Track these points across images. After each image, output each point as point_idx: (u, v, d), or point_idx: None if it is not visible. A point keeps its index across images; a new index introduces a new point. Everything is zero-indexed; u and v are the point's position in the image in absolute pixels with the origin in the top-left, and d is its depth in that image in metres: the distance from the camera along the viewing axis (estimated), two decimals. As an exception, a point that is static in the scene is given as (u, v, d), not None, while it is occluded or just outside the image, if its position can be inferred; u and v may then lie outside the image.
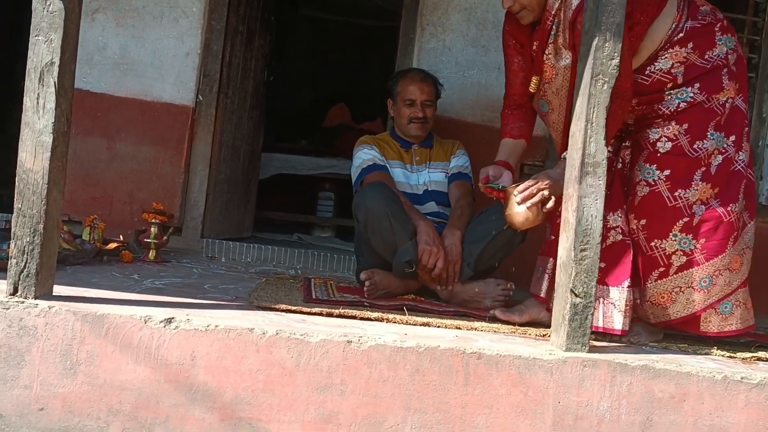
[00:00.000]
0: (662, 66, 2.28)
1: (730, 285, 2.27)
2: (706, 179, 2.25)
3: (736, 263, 2.27)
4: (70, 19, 1.85)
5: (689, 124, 2.27)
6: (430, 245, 2.59)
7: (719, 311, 2.28)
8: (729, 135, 2.28)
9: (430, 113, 3.03)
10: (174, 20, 3.38)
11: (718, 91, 2.27)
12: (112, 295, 2.08)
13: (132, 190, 3.38)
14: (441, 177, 3.04)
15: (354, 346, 1.83)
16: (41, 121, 1.82)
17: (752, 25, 3.71)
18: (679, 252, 2.25)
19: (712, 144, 2.26)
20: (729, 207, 2.25)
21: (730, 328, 2.30)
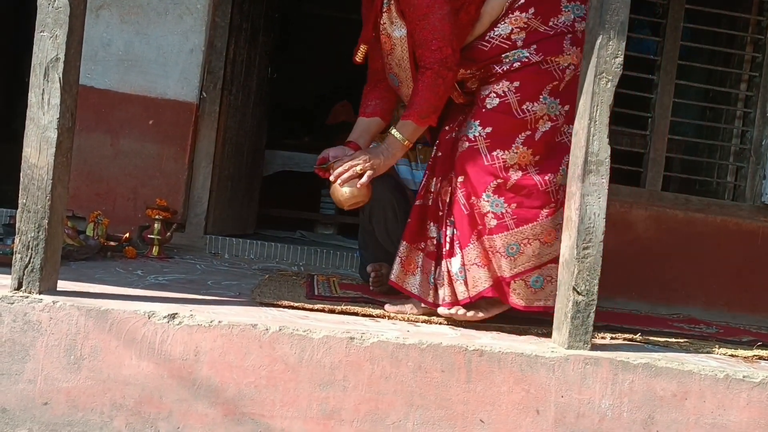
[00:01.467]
0: (501, 32, 2.21)
1: (539, 257, 2.15)
2: (528, 144, 2.16)
3: (548, 236, 2.16)
4: (75, 15, 1.85)
5: (521, 83, 2.18)
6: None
7: (529, 284, 2.16)
8: (565, 103, 2.18)
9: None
10: (178, 17, 3.38)
11: (557, 54, 2.18)
12: (116, 290, 2.09)
13: (136, 187, 3.39)
14: None
15: (356, 342, 1.84)
16: (46, 117, 1.82)
17: (756, 24, 3.69)
18: (491, 214, 2.14)
19: (542, 108, 2.16)
20: (547, 177, 2.16)
21: (539, 303, 2.17)
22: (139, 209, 3.33)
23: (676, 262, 3.50)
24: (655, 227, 3.50)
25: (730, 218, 3.56)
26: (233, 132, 3.66)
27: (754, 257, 3.54)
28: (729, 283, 3.53)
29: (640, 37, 3.98)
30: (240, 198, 3.86)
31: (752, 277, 3.54)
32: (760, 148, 3.63)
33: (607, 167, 1.96)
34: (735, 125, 3.74)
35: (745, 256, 3.53)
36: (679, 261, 3.50)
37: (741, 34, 3.72)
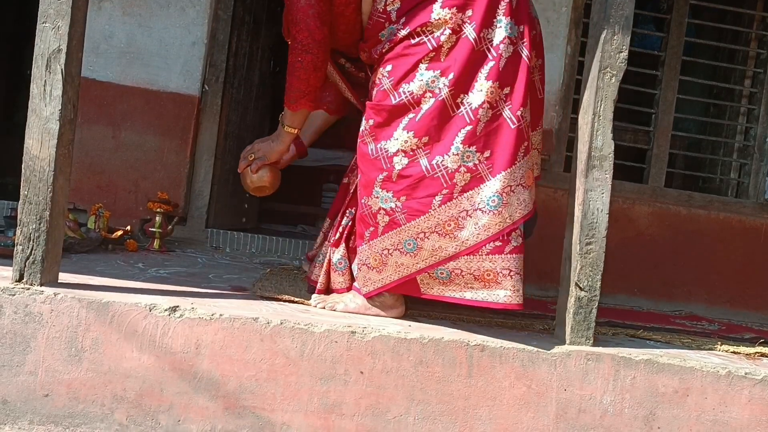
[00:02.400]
0: (379, 5, 2.07)
1: (442, 251, 1.95)
2: (410, 128, 1.96)
3: (448, 226, 1.95)
4: (77, 6, 1.85)
5: (393, 65, 2.01)
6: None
7: (434, 276, 1.98)
8: (449, 73, 1.95)
9: None
10: (181, 9, 3.37)
11: (426, 22, 1.97)
12: (117, 283, 2.09)
13: (137, 179, 3.38)
14: None
15: (358, 336, 1.84)
16: (48, 108, 1.82)
17: (761, 20, 3.68)
18: (383, 211, 1.99)
19: (421, 86, 1.96)
20: (435, 160, 1.94)
21: (453, 294, 1.98)
22: (140, 202, 3.32)
23: (678, 258, 3.50)
24: (657, 224, 3.50)
25: (733, 215, 3.55)
26: (235, 125, 3.65)
27: (756, 254, 3.53)
28: (731, 280, 3.53)
29: (644, 32, 3.97)
30: (241, 192, 3.84)
31: (755, 274, 3.53)
32: (764, 145, 3.62)
33: (610, 163, 1.95)
34: (739, 122, 3.73)
35: (748, 253, 3.53)
36: (681, 258, 3.50)
37: (746, 31, 3.71)
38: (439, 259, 1.95)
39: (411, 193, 1.96)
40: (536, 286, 3.09)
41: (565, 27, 3.42)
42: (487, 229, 1.92)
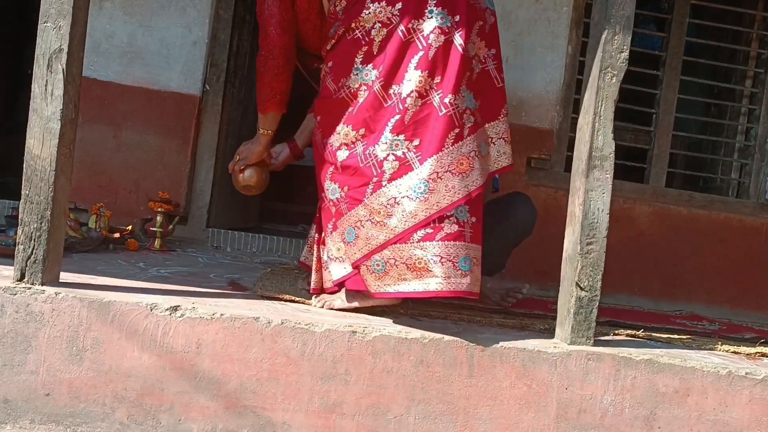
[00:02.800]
0: (331, 7, 2.15)
1: (374, 239, 1.96)
2: (348, 121, 2.03)
3: (378, 215, 1.96)
4: (78, 7, 1.85)
5: (333, 62, 2.09)
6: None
7: (371, 269, 1.97)
8: (379, 65, 2.00)
9: None
10: (181, 9, 3.37)
11: (358, 17, 2.03)
12: (118, 282, 2.09)
13: (138, 179, 3.38)
14: None
15: (358, 336, 1.84)
16: (49, 108, 1.82)
17: (762, 20, 3.68)
18: (331, 202, 2.07)
19: (356, 80, 2.02)
20: (367, 150, 1.98)
21: (389, 289, 1.95)
22: (141, 202, 3.32)
23: (679, 258, 3.50)
24: (658, 223, 3.50)
25: (733, 215, 3.56)
26: (236, 125, 3.65)
27: (757, 254, 3.53)
28: (732, 280, 3.53)
29: (645, 32, 3.97)
30: (242, 192, 3.85)
31: (755, 274, 3.53)
32: (765, 145, 3.62)
33: (611, 163, 1.95)
34: (740, 122, 3.73)
35: (748, 253, 3.53)
36: (682, 257, 3.50)
37: (746, 30, 3.71)
38: (372, 248, 1.96)
39: (350, 183, 2.02)
40: (537, 285, 3.09)
41: (566, 27, 3.42)
42: (414, 216, 1.92)
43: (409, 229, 1.93)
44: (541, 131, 3.43)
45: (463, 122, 1.99)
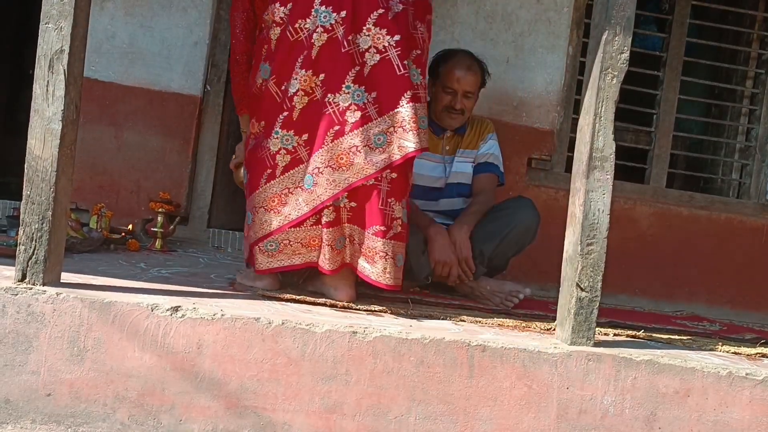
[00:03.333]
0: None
1: (268, 224, 2.16)
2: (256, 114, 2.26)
3: (272, 202, 2.14)
4: (80, 7, 1.85)
5: (254, 60, 2.28)
6: (443, 257, 2.53)
7: (263, 249, 2.17)
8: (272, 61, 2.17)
9: (469, 105, 2.78)
10: (183, 10, 3.37)
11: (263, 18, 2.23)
12: (119, 283, 2.09)
13: (139, 179, 3.39)
14: (467, 168, 2.85)
15: (359, 336, 1.84)
16: (51, 109, 1.82)
17: (763, 20, 3.68)
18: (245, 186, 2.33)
19: (259, 77, 2.21)
20: (264, 142, 2.18)
21: (277, 264, 2.18)
22: (142, 202, 3.33)
23: (679, 259, 3.50)
24: (659, 224, 3.50)
25: (734, 215, 3.56)
26: (237, 125, 3.62)
27: (758, 255, 3.54)
28: (732, 280, 3.53)
29: (645, 33, 3.97)
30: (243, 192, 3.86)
31: (756, 274, 3.53)
32: (765, 145, 3.62)
33: (611, 163, 1.95)
34: (740, 122, 3.73)
35: (749, 253, 3.53)
36: (683, 258, 3.50)
37: (747, 31, 3.71)
38: (266, 232, 2.17)
39: (252, 170, 2.21)
40: (537, 285, 3.09)
41: (567, 28, 3.42)
42: (307, 204, 2.13)
43: (302, 216, 2.13)
44: (542, 132, 3.43)
45: (344, 119, 2.09)
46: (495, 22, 3.44)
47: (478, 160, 2.85)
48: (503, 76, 3.35)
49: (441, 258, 2.52)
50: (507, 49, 3.43)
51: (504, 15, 3.43)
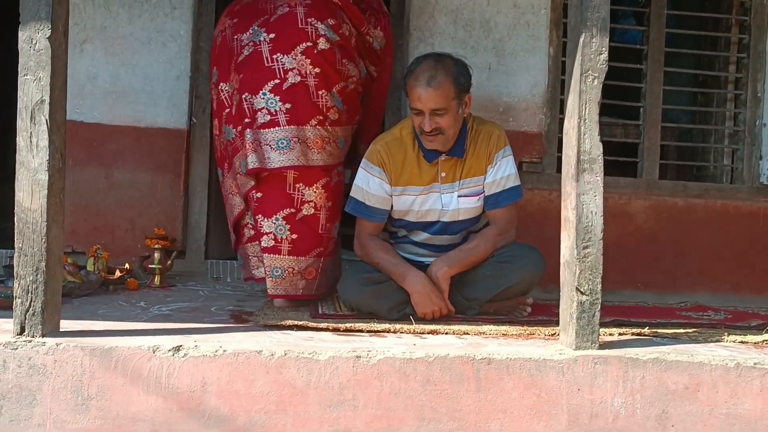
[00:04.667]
0: None
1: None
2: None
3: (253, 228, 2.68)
4: (57, 56, 1.85)
5: None
6: (428, 309, 2.33)
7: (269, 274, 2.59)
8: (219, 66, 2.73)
9: (444, 123, 2.37)
10: (162, 45, 3.38)
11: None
12: (120, 325, 2.09)
13: (133, 217, 3.38)
14: (472, 202, 2.50)
15: (363, 360, 1.83)
16: (36, 160, 1.82)
17: (740, 5, 3.69)
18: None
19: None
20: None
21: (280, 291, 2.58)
22: (138, 240, 3.32)
23: (679, 249, 3.49)
24: (655, 217, 3.49)
25: (729, 201, 3.55)
26: (226, 154, 3.65)
27: (757, 239, 3.53)
28: (734, 266, 3.52)
29: (624, 27, 3.98)
30: (238, 219, 3.85)
31: (757, 258, 3.52)
32: (754, 128, 3.62)
33: (600, 164, 1.95)
34: (727, 108, 3.73)
35: (748, 238, 3.52)
36: (682, 248, 3.49)
37: (726, 17, 3.72)
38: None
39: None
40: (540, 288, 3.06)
41: (546, 29, 3.43)
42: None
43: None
44: (530, 135, 3.43)
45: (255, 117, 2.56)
46: (474, 30, 3.44)
47: (489, 189, 2.50)
48: (487, 83, 3.36)
49: (426, 310, 2.33)
50: (488, 55, 3.43)
51: (482, 22, 3.44)
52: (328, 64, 2.54)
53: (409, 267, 2.41)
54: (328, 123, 2.56)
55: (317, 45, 2.53)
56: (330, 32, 2.55)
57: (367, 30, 2.71)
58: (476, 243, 2.46)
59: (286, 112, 2.51)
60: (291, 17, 2.54)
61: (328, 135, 2.56)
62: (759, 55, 3.60)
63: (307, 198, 2.55)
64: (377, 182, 2.48)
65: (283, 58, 2.51)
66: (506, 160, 2.50)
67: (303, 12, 2.55)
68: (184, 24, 3.38)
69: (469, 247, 2.46)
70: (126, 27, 3.35)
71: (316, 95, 2.53)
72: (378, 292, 2.35)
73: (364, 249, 2.51)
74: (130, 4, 3.35)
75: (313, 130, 2.53)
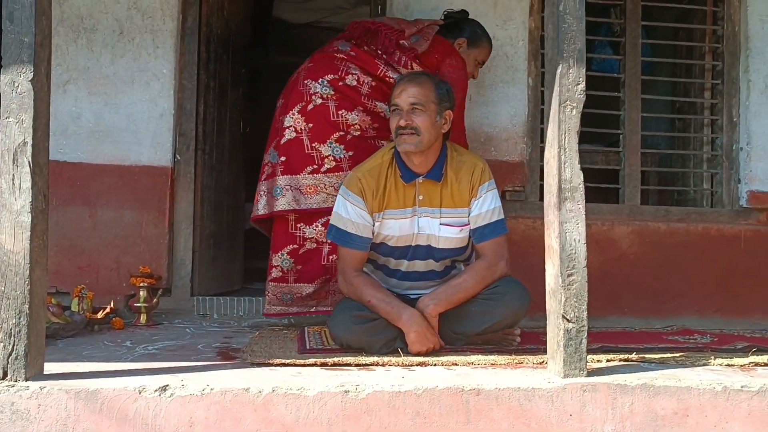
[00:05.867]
0: None
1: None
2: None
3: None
4: (39, 98, 1.86)
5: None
6: (423, 347, 2.29)
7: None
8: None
9: (421, 122, 2.37)
10: (145, 83, 3.39)
11: None
12: (105, 366, 2.06)
13: (118, 256, 3.36)
14: (455, 232, 2.49)
15: (352, 395, 1.82)
16: (18, 202, 1.82)
17: (713, 33, 3.78)
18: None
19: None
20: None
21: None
22: (123, 278, 3.30)
23: (663, 274, 3.52)
24: (639, 242, 3.53)
25: (711, 225, 3.59)
26: (211, 191, 3.66)
27: (739, 261, 3.56)
28: (718, 289, 3.55)
29: (601, 57, 4.06)
30: (224, 255, 3.84)
31: (740, 280, 3.56)
32: (731, 152, 3.68)
33: (581, 193, 1.98)
34: (704, 133, 3.80)
35: (731, 260, 3.56)
36: (666, 273, 3.52)
37: (699, 45, 3.80)
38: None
39: None
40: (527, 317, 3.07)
41: (524, 60, 3.49)
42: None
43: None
44: (512, 164, 3.46)
45: (263, 171, 2.96)
46: (455, 61, 3.49)
47: (476, 222, 2.48)
48: (468, 114, 3.38)
49: (422, 349, 2.29)
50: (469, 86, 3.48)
51: (462, 54, 3.49)
52: (321, 119, 2.83)
53: (404, 305, 2.37)
54: (323, 171, 2.83)
55: (310, 103, 2.84)
56: (325, 89, 2.85)
57: (383, 73, 2.88)
58: (464, 278, 2.44)
59: (281, 164, 2.86)
60: (294, 82, 2.94)
61: (325, 181, 2.84)
62: (733, 81, 3.68)
63: (308, 235, 2.86)
64: (356, 210, 2.47)
65: (283, 117, 2.88)
66: (491, 193, 2.50)
67: (303, 75, 2.91)
68: (167, 63, 3.41)
69: (457, 282, 2.44)
70: (109, 67, 3.37)
71: (310, 147, 2.83)
72: (370, 330, 2.33)
73: (351, 286, 2.47)
74: (113, 45, 3.37)
75: (307, 178, 2.84)
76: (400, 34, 2.95)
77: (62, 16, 3.32)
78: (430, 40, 2.94)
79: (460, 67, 2.95)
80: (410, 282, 2.58)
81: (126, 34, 3.38)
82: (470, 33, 3.09)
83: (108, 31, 3.37)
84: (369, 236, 2.50)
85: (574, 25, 1.99)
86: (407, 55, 2.91)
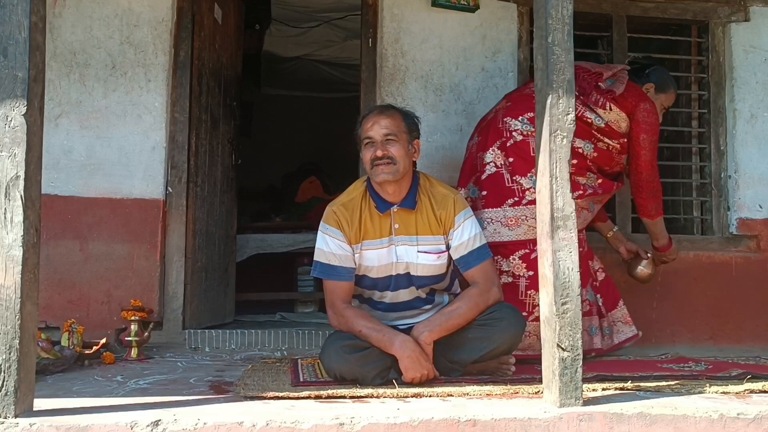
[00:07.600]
0: None
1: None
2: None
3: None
4: (32, 132, 1.86)
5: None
6: (417, 373, 2.28)
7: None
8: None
9: (396, 152, 2.45)
10: (137, 117, 3.41)
11: None
12: (96, 402, 2.03)
13: (109, 289, 3.34)
14: (432, 259, 2.52)
15: (347, 427, 1.80)
16: (10, 236, 1.81)
17: (698, 63, 3.85)
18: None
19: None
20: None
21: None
22: (114, 312, 3.27)
23: (657, 301, 3.53)
24: (631, 269, 3.52)
25: (702, 252, 3.62)
26: (203, 223, 3.66)
27: (731, 288, 3.58)
28: (711, 316, 3.56)
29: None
30: (216, 288, 3.82)
31: (732, 307, 3.57)
32: (720, 180, 3.72)
33: (573, 221, 1.99)
34: (693, 161, 3.84)
35: (722, 287, 3.58)
36: (659, 300, 3.53)
37: (685, 75, 3.87)
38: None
39: None
40: (521, 346, 3.06)
41: (514, 91, 3.52)
42: None
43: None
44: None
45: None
46: (444, 94, 3.54)
47: (459, 252, 2.52)
48: (459, 145, 3.42)
49: (415, 375, 2.28)
50: (459, 118, 3.52)
51: (452, 86, 3.54)
52: (522, 154, 2.89)
53: (395, 332, 2.38)
54: (524, 203, 2.86)
55: (510, 139, 2.92)
56: (525, 126, 2.92)
57: (581, 113, 2.95)
58: (458, 305, 2.45)
59: (482, 198, 2.93)
60: (493, 120, 3.02)
61: (527, 213, 2.84)
62: (719, 110, 3.73)
63: (504, 268, 2.87)
64: (336, 242, 2.49)
65: (482, 154, 2.97)
66: (469, 221, 2.55)
67: (501, 113, 3.00)
68: (158, 96, 3.43)
69: (451, 309, 2.45)
70: (101, 101, 3.39)
71: (511, 181, 2.89)
72: (363, 360, 2.31)
73: (342, 318, 2.45)
74: (105, 79, 3.39)
75: (508, 210, 2.88)
76: (598, 77, 3.04)
77: (55, 51, 3.34)
78: (625, 83, 3.02)
79: (654, 111, 3.04)
80: (397, 312, 2.59)
81: (118, 68, 3.41)
82: (657, 78, 3.18)
83: (100, 65, 3.39)
84: (352, 266, 2.52)
85: (563, 57, 2.02)
86: (605, 97, 2.99)
